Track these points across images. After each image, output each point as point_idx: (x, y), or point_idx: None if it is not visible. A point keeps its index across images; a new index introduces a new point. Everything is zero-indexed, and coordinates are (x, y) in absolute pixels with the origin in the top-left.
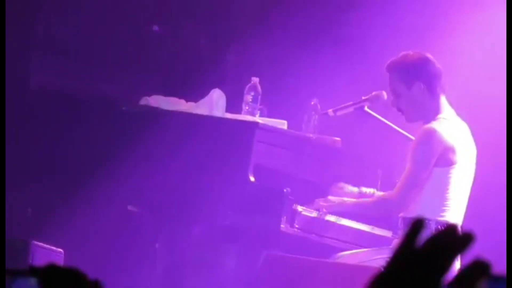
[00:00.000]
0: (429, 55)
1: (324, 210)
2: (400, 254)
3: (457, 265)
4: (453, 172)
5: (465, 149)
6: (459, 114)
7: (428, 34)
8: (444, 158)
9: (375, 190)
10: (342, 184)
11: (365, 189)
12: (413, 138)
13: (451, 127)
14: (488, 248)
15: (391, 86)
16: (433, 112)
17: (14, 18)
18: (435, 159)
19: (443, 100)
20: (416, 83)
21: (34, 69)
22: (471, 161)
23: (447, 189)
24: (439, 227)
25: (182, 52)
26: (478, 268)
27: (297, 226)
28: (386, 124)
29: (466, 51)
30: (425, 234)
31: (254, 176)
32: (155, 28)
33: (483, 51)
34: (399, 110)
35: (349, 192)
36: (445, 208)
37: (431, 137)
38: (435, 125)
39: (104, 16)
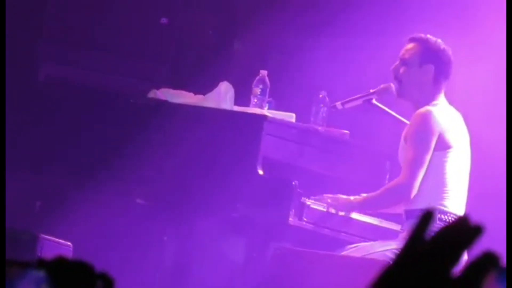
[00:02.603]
0: (452, 56)
1: (332, 209)
2: (410, 246)
3: (464, 257)
4: (450, 156)
5: (459, 135)
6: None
7: (441, 27)
8: (441, 140)
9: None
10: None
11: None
12: None
13: (444, 110)
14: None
15: (406, 55)
16: (427, 97)
17: (22, 8)
18: (435, 141)
19: (441, 93)
20: (429, 64)
21: (43, 60)
22: (466, 147)
23: (445, 174)
24: (442, 216)
25: (190, 43)
26: (487, 260)
27: (305, 219)
28: (394, 116)
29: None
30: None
31: (263, 169)
32: (164, 20)
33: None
34: (396, 78)
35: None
36: (445, 195)
37: (428, 118)
38: (430, 108)
39: (111, 7)
